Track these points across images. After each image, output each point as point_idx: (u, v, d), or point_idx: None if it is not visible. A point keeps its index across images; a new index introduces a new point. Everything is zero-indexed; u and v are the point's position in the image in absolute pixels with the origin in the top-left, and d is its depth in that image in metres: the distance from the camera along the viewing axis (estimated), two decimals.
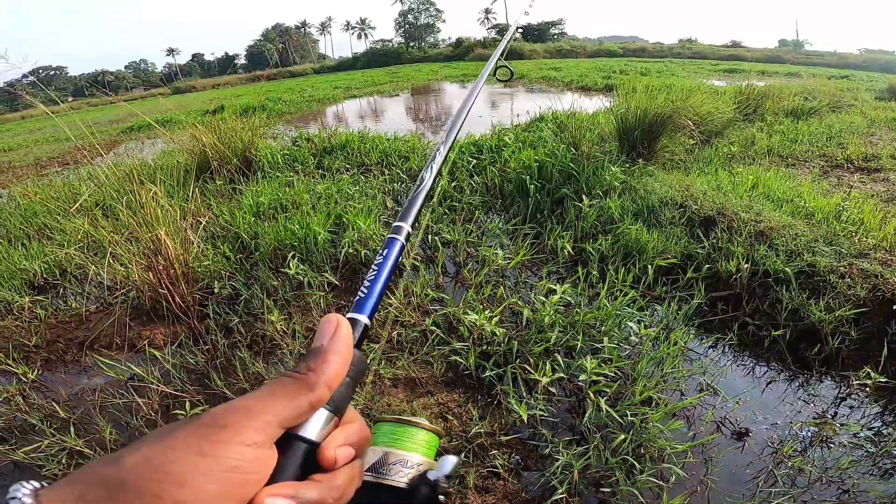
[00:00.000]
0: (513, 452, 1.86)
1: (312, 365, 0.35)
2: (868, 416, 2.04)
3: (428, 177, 0.57)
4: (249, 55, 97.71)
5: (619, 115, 4.91)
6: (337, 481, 0.34)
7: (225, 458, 0.28)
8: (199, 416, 0.30)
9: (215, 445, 0.28)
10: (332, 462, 0.34)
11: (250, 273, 3.14)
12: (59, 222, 4.05)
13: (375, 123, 10.35)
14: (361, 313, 0.42)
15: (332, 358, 0.35)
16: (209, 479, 0.27)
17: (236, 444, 0.29)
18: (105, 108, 19.83)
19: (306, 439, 0.34)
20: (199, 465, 0.27)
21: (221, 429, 0.29)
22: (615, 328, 2.38)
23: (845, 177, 4.76)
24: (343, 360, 0.36)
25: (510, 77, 1.29)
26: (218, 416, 0.30)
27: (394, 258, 0.47)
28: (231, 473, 0.28)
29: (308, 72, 45.91)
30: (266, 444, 0.31)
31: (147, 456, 0.28)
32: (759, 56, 31.37)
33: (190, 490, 0.27)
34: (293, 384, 0.33)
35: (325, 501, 0.32)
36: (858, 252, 2.82)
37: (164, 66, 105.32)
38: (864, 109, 8.14)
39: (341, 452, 0.34)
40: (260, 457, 0.30)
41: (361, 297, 0.43)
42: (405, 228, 0.50)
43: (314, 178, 4.92)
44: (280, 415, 0.32)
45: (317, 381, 0.34)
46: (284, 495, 0.31)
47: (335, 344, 0.36)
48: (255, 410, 0.31)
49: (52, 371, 2.58)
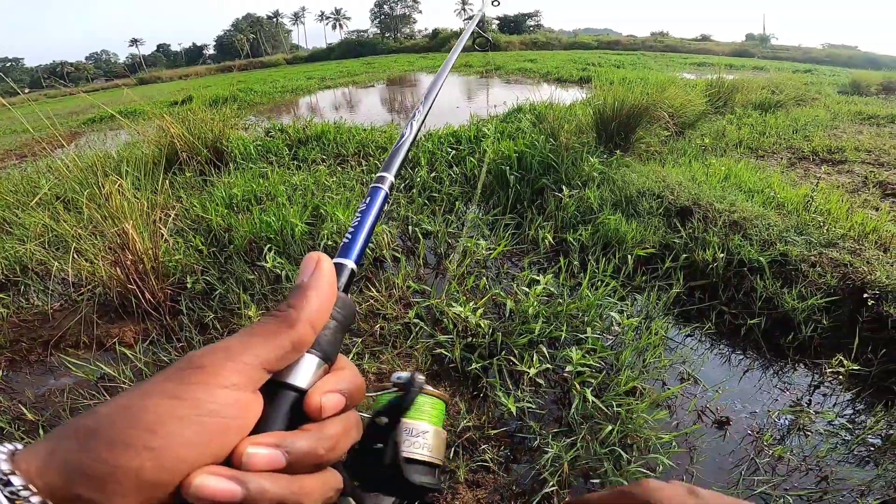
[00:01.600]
0: (502, 446, 1.85)
1: (292, 302, 0.32)
2: (842, 404, 2.10)
3: (409, 132, 0.57)
4: (219, 46, 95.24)
5: (596, 107, 4.94)
6: (328, 430, 0.31)
7: (201, 402, 0.26)
8: (176, 361, 0.28)
9: (190, 388, 0.26)
10: (318, 409, 0.31)
11: (224, 267, 3.03)
12: (17, 217, 3.84)
13: (351, 114, 10.18)
14: (347, 258, 0.40)
15: (313, 294, 0.33)
16: (184, 424, 0.25)
17: (213, 385, 0.27)
18: (64, 99, 18.99)
19: (294, 387, 0.31)
20: (174, 410, 0.26)
21: (197, 370, 0.27)
22: (598, 318, 2.40)
23: (812, 168, 4.91)
24: (325, 297, 0.33)
25: (487, 46, 1.27)
26: (193, 359, 0.28)
27: (378, 206, 0.46)
28: (208, 418, 0.26)
29: (281, 62, 44.89)
30: (247, 387, 0.28)
31: (121, 405, 0.26)
32: (728, 50, 32.20)
33: (163, 437, 0.25)
34: (273, 322, 0.31)
35: (315, 451, 0.29)
36: (828, 241, 2.90)
37: (128, 57, 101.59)
38: (827, 103, 8.44)
39: (329, 399, 0.31)
40: (240, 400, 0.28)
41: (346, 243, 0.41)
42: (389, 178, 0.49)
43: (289, 169, 4.80)
44: (260, 355, 0.29)
45: (297, 317, 0.31)
46: (269, 444, 0.28)
47: (316, 280, 0.34)
48: (233, 350, 0.29)
49: (16, 371, 2.45)
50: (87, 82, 58.23)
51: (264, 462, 0.27)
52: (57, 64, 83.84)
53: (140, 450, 0.24)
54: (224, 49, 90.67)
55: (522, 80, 14.13)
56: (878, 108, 7.79)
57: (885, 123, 6.91)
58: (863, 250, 2.79)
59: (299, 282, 0.34)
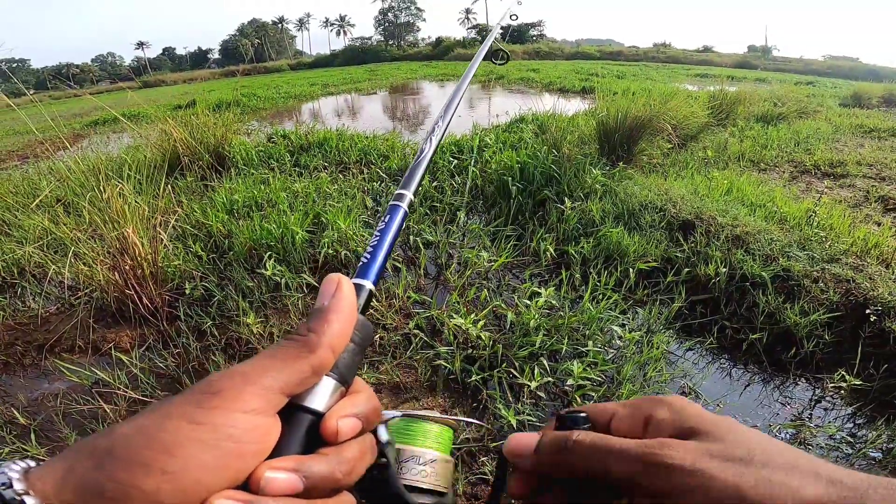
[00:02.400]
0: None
1: (313, 326, 0.32)
2: (843, 418, 2.09)
3: (428, 148, 0.56)
4: (224, 50, 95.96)
5: (599, 118, 4.95)
6: (346, 454, 0.31)
7: (220, 426, 0.26)
8: (196, 384, 0.28)
9: (209, 412, 0.26)
10: (334, 433, 0.30)
11: (224, 273, 3.02)
12: (17, 218, 3.83)
13: (353, 121, 10.21)
14: (365, 279, 0.39)
15: (334, 317, 0.32)
16: (202, 448, 0.25)
17: (232, 411, 0.27)
18: (69, 101, 19.08)
19: (312, 410, 0.31)
20: (192, 434, 0.25)
21: (215, 395, 0.27)
22: (599, 331, 2.38)
23: (814, 182, 4.91)
24: (346, 321, 0.33)
25: (506, 60, 1.26)
26: (213, 383, 0.28)
27: (397, 224, 0.45)
28: (226, 442, 0.26)
29: (284, 68, 45.22)
30: (266, 412, 0.28)
31: (139, 425, 0.26)
32: (730, 61, 32.40)
33: (180, 459, 0.25)
34: (293, 346, 0.31)
35: (333, 476, 0.29)
36: (830, 257, 2.89)
37: (133, 60, 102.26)
38: (829, 116, 8.47)
39: (345, 423, 0.31)
40: (259, 426, 0.28)
41: (364, 263, 0.41)
42: (408, 196, 0.48)
43: (291, 175, 4.80)
44: (280, 379, 0.29)
45: (318, 342, 0.31)
46: (287, 469, 0.28)
47: (337, 303, 0.33)
48: (252, 375, 0.29)
49: (10, 375, 2.43)
50: (92, 84, 58.67)
51: (282, 487, 0.27)
52: (63, 65, 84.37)
53: (157, 472, 0.24)
54: (229, 54, 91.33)
55: (525, 90, 14.19)
56: (880, 121, 7.82)
57: (886, 137, 6.93)
58: (865, 266, 2.78)
59: (319, 304, 0.34)
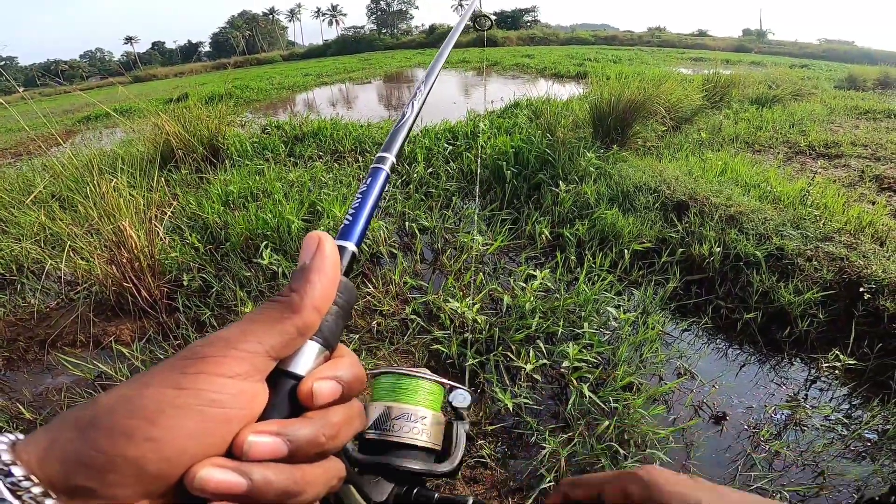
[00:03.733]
0: (499, 441, 1.85)
1: (295, 286, 0.31)
2: (838, 399, 2.10)
3: (410, 112, 0.55)
4: (214, 43, 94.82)
5: (593, 102, 4.93)
6: (331, 418, 0.30)
7: (203, 392, 0.25)
8: (179, 351, 0.27)
9: (192, 378, 0.26)
10: (309, 396, 0.29)
11: (221, 264, 3.02)
12: (13, 215, 3.82)
13: (348, 110, 10.14)
14: (347, 240, 0.38)
15: (317, 277, 0.31)
16: (185, 415, 0.25)
17: (216, 375, 0.26)
18: (59, 97, 18.84)
19: (294, 374, 0.30)
20: (175, 400, 0.25)
21: (200, 360, 0.26)
22: (594, 313, 2.40)
23: (808, 163, 4.91)
24: (329, 280, 0.32)
25: (490, 26, 1.24)
26: (196, 349, 0.27)
27: (379, 187, 0.44)
28: (210, 408, 0.25)
29: (277, 59, 44.71)
30: (252, 376, 0.28)
31: (122, 394, 0.25)
32: (724, 45, 32.19)
33: (164, 427, 0.24)
34: (276, 308, 0.30)
35: (317, 439, 0.29)
36: (824, 235, 2.91)
37: (122, 55, 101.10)
38: (824, 98, 8.45)
39: (322, 386, 0.30)
40: (245, 391, 0.27)
41: (347, 225, 0.40)
42: (389, 158, 0.47)
43: (286, 166, 4.78)
44: (265, 342, 0.28)
45: (302, 302, 0.30)
46: (270, 432, 0.27)
47: (319, 262, 0.32)
48: (236, 339, 0.28)
49: (13, 371, 2.44)
50: (82, 80, 57.86)
51: (266, 451, 0.27)
52: (51, 62, 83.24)
53: (140, 440, 0.24)
54: (220, 46, 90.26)
55: (520, 76, 14.09)
56: (875, 103, 7.80)
57: (881, 118, 6.92)
58: (859, 244, 2.80)
59: (301, 264, 0.33)
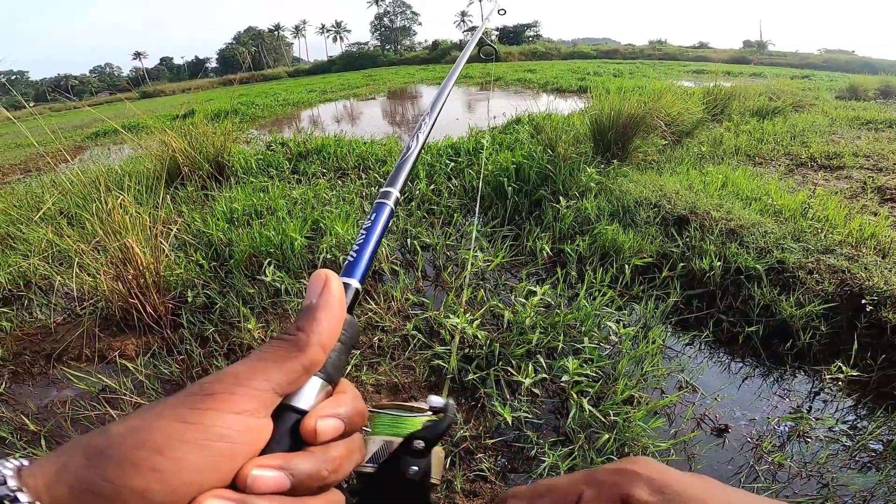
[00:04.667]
0: (499, 455, 1.85)
1: (302, 325, 0.32)
2: (842, 410, 2.09)
3: (414, 145, 0.56)
4: (221, 59, 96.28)
5: (593, 117, 4.98)
6: (332, 453, 0.31)
7: (211, 427, 0.26)
8: (188, 387, 0.28)
9: (201, 413, 0.27)
10: (313, 433, 0.30)
11: (225, 281, 3.06)
12: (21, 232, 3.88)
13: (352, 127, 10.27)
14: (352, 277, 0.39)
15: (323, 315, 0.32)
16: (192, 449, 0.25)
17: (224, 412, 0.27)
18: (69, 113, 19.19)
19: (297, 409, 0.31)
20: (183, 434, 0.26)
21: (208, 397, 0.27)
22: (595, 328, 2.41)
23: (810, 174, 4.92)
24: (335, 319, 0.33)
25: (494, 56, 1.24)
26: (205, 385, 0.28)
27: (383, 222, 0.44)
28: (217, 443, 0.26)
29: (282, 75, 45.37)
30: (259, 413, 0.29)
31: (132, 425, 0.26)
32: (725, 57, 32.41)
33: (171, 459, 0.25)
34: (284, 346, 0.31)
35: (319, 474, 0.29)
36: (825, 248, 2.91)
37: (131, 70, 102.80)
38: (825, 108, 8.47)
39: (325, 424, 0.31)
40: (252, 427, 0.28)
41: (351, 262, 0.40)
42: (394, 193, 0.48)
43: (290, 183, 4.84)
44: (272, 380, 0.29)
45: (308, 341, 0.31)
46: (273, 466, 0.28)
47: (326, 301, 0.33)
48: (244, 376, 0.29)
49: (19, 384, 2.47)
50: (91, 96, 58.95)
51: (269, 484, 0.27)
52: (61, 77, 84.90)
53: (146, 471, 0.24)
54: (226, 62, 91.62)
55: (522, 91, 14.23)
56: (876, 113, 7.81)
57: (883, 128, 6.92)
58: (860, 256, 2.80)
59: (308, 303, 0.33)
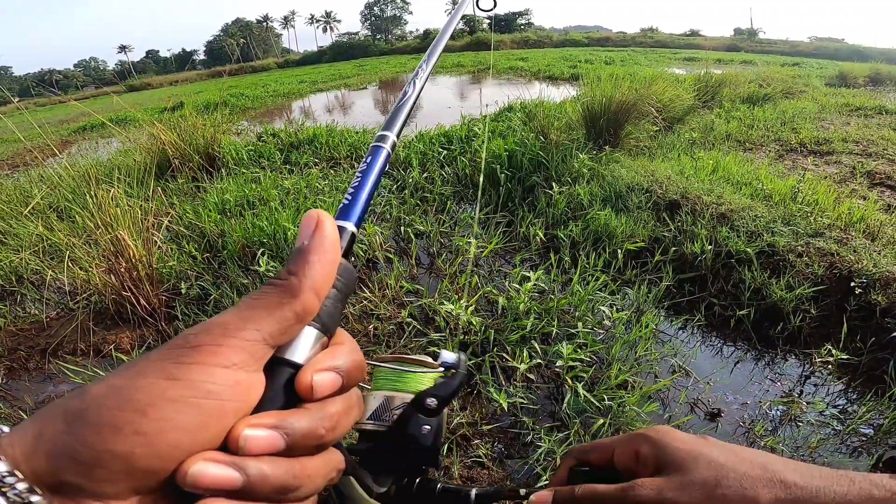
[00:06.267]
0: (495, 441, 1.87)
1: (294, 268, 0.29)
2: (832, 394, 2.13)
3: (412, 90, 0.54)
4: (209, 51, 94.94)
5: (585, 104, 4.97)
6: (330, 409, 0.28)
7: (198, 383, 0.24)
8: (172, 339, 0.26)
9: (186, 368, 0.24)
10: (309, 389, 0.28)
11: (218, 272, 3.05)
12: (11, 226, 3.84)
13: (344, 117, 10.20)
14: (347, 220, 0.37)
15: (316, 258, 0.29)
16: (178, 407, 0.23)
17: (211, 366, 0.25)
18: (54, 107, 18.84)
19: (291, 362, 0.28)
20: (167, 392, 0.23)
21: (194, 349, 0.25)
22: (588, 313, 2.43)
23: (799, 160, 4.97)
24: (329, 261, 0.30)
25: (494, 6, 1.18)
26: (190, 337, 0.26)
27: (379, 166, 0.43)
28: (205, 400, 0.24)
29: (271, 66, 44.86)
30: (249, 366, 0.26)
31: (113, 385, 0.24)
32: (716, 44, 32.40)
33: (155, 420, 0.23)
34: (275, 292, 0.28)
35: (315, 432, 0.27)
36: (814, 231, 2.94)
37: (117, 64, 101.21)
38: (814, 95, 8.52)
39: (321, 378, 0.28)
40: (242, 381, 0.25)
41: (346, 204, 0.38)
42: (391, 137, 0.46)
43: (281, 173, 4.81)
44: (263, 329, 0.27)
45: (301, 285, 0.28)
46: (266, 425, 0.26)
47: (318, 243, 0.30)
48: (232, 327, 0.26)
49: (15, 379, 2.46)
50: (76, 90, 57.89)
51: (263, 445, 0.25)
52: (45, 72, 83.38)
53: (129, 434, 0.22)
54: (214, 54, 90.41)
55: (514, 79, 14.17)
56: (866, 100, 7.87)
57: (872, 114, 6.98)
58: (849, 239, 2.83)
59: (299, 244, 0.30)
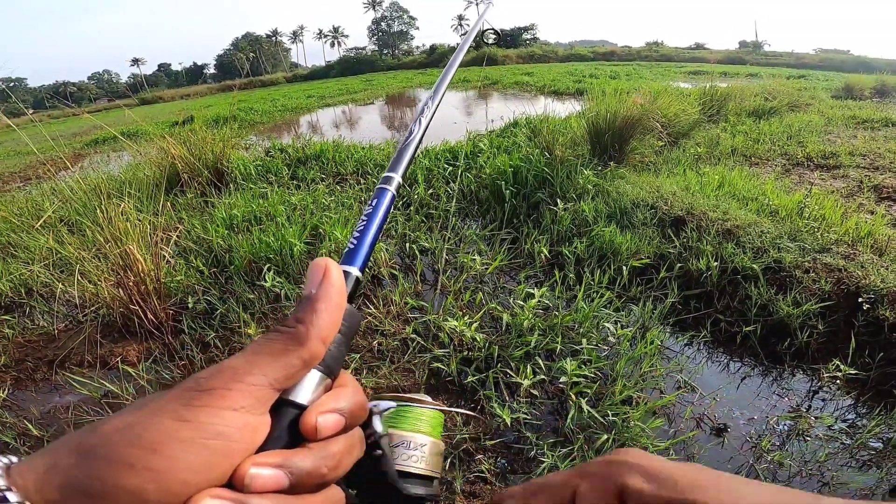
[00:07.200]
0: (498, 456, 1.86)
1: (301, 316, 0.30)
2: (841, 408, 2.11)
3: (417, 130, 0.54)
4: (219, 65, 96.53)
5: (590, 119, 5.01)
6: (332, 449, 0.30)
7: (207, 425, 0.25)
8: (184, 381, 0.27)
9: (196, 410, 0.25)
10: (313, 430, 0.29)
11: (225, 287, 3.08)
12: (22, 239, 3.90)
13: (350, 132, 10.31)
14: (352, 265, 0.37)
15: (323, 307, 0.31)
16: (187, 447, 0.25)
17: (220, 408, 0.26)
18: (68, 120, 19.20)
19: (296, 403, 0.30)
20: (178, 432, 0.25)
21: (204, 393, 0.26)
22: (593, 329, 2.42)
23: (806, 174, 4.95)
24: (335, 310, 0.31)
25: (497, 40, 1.21)
26: (201, 381, 0.27)
27: (384, 209, 0.43)
28: (213, 441, 0.25)
29: (280, 81, 45.53)
30: (256, 410, 0.27)
31: (126, 422, 0.25)
32: (721, 57, 32.55)
33: (166, 458, 0.24)
34: (282, 339, 0.29)
35: (318, 471, 0.29)
36: (821, 247, 2.93)
37: (129, 77, 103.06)
38: (821, 108, 8.51)
39: (325, 420, 0.30)
40: (249, 424, 0.27)
41: (351, 249, 0.39)
42: (395, 179, 0.46)
43: (289, 188, 4.86)
44: (270, 375, 0.28)
45: (308, 334, 0.30)
46: (271, 464, 0.27)
47: (325, 292, 0.31)
48: (241, 371, 0.28)
49: (22, 390, 2.49)
50: (90, 102, 58.96)
51: (267, 483, 0.26)
52: (60, 84, 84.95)
53: (141, 470, 0.23)
54: (224, 68, 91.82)
55: (520, 94, 14.28)
56: (872, 112, 7.84)
57: (879, 127, 6.95)
58: (857, 254, 2.82)
59: (307, 293, 0.32)
